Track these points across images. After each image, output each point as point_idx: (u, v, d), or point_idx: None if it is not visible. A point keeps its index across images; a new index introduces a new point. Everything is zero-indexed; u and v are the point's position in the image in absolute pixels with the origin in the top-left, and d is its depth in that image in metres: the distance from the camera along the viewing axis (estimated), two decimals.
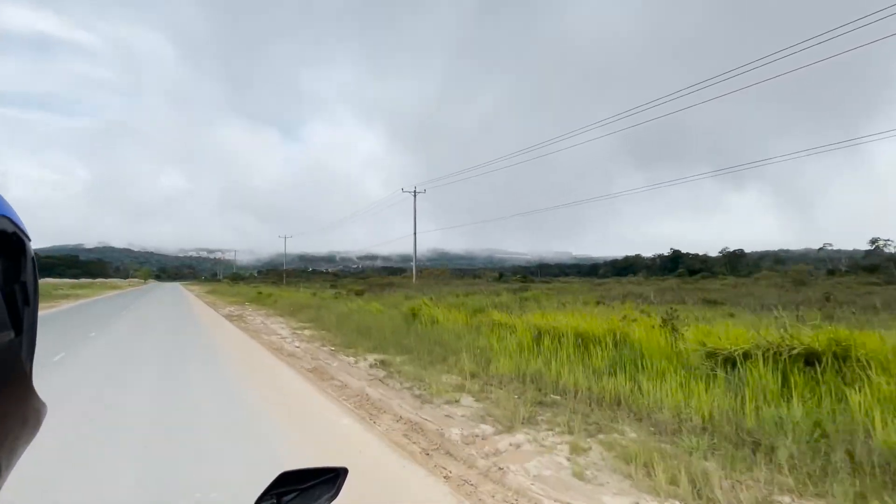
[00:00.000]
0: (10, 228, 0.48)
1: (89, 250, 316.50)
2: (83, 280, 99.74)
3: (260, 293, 32.18)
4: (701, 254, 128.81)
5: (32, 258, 0.52)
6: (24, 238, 0.51)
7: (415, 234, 32.89)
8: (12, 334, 0.45)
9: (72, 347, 9.97)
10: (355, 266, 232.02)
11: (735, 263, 73.72)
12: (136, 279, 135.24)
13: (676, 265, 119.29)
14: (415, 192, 34.04)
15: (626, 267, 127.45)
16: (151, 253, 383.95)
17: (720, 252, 78.97)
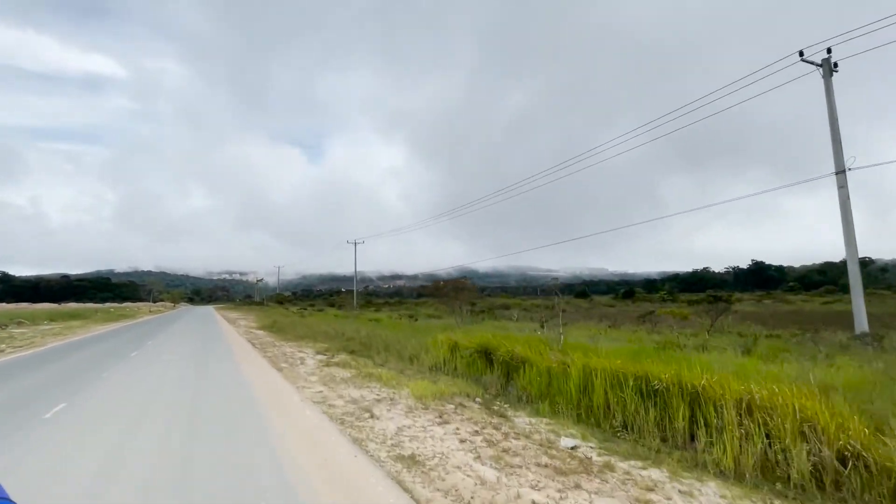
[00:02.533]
0: None
1: (125, 274, 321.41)
2: (108, 304, 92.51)
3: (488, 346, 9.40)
4: (786, 265, 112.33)
5: None
6: None
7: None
8: None
9: None
10: (387, 287, 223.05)
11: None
12: (165, 302, 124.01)
13: (760, 279, 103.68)
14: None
15: (694, 283, 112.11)
16: (186, 276, 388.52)
17: (840, 260, 64.77)
